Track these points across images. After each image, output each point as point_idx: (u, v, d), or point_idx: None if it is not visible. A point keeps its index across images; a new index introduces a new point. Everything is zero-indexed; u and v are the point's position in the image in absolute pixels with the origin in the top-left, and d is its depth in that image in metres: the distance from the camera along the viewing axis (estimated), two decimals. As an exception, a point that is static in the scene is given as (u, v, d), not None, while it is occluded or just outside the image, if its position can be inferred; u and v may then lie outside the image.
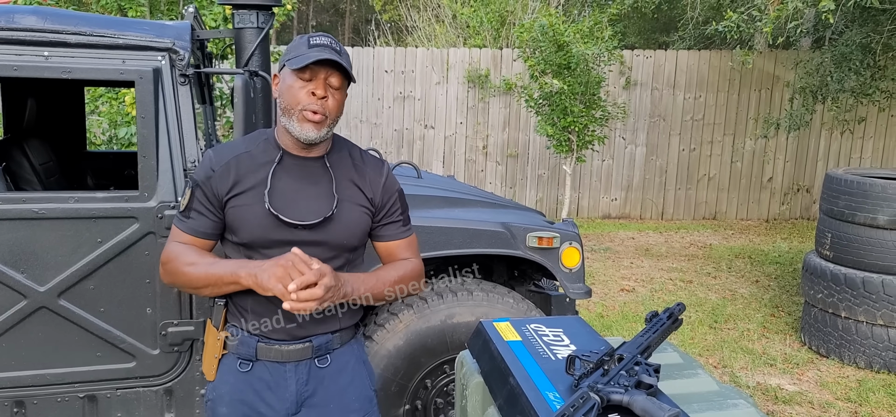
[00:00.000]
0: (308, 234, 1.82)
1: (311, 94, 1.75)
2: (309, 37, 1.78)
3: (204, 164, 1.86)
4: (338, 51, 1.77)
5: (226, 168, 1.83)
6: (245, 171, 1.83)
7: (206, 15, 6.28)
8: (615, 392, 1.43)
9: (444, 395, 3.04)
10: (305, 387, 1.90)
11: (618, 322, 5.51)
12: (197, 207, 1.84)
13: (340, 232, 1.86)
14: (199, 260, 1.81)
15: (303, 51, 1.75)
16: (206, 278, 1.78)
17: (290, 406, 1.89)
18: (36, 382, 2.58)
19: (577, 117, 7.52)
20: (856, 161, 9.96)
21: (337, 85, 1.79)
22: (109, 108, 5.87)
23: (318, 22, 25.89)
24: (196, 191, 1.84)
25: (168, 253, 1.85)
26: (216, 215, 1.85)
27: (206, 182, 1.83)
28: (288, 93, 1.77)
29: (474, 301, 2.99)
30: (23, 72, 2.43)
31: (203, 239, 1.86)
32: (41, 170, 3.42)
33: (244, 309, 1.88)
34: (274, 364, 1.88)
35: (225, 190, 1.82)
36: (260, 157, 1.85)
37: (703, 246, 8.40)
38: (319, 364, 1.91)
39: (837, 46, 7.76)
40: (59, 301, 2.55)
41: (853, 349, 4.66)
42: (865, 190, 4.57)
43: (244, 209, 1.81)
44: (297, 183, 1.84)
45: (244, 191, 1.82)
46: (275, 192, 1.81)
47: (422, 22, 12.87)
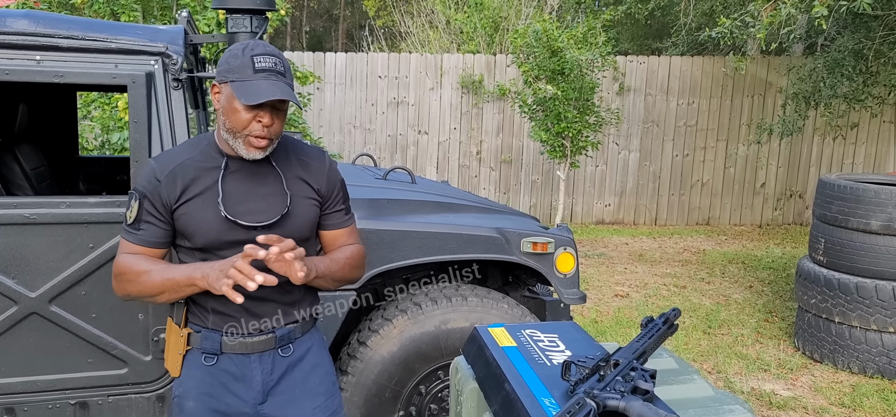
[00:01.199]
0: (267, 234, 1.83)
1: (257, 122, 1.77)
2: (252, 56, 1.74)
3: (147, 174, 1.86)
4: (282, 72, 1.77)
5: (171, 176, 1.84)
6: (191, 178, 1.84)
7: (200, 20, 6.27)
8: (611, 397, 1.42)
9: (439, 401, 3.02)
10: (270, 376, 1.94)
11: (612, 327, 5.51)
12: (145, 218, 1.84)
13: (295, 227, 1.90)
14: (152, 267, 1.82)
15: (248, 75, 1.73)
16: (162, 284, 1.79)
17: (257, 396, 1.93)
18: (27, 389, 2.56)
19: (571, 123, 7.53)
20: (848, 166, 10.00)
21: (282, 107, 1.81)
22: (102, 113, 5.84)
23: (311, 27, 25.89)
24: (144, 202, 1.84)
25: (119, 266, 1.84)
26: (165, 223, 1.85)
27: (152, 192, 1.83)
28: (233, 116, 1.77)
29: (469, 306, 2.98)
30: (14, 77, 2.42)
31: (154, 249, 1.87)
32: (33, 175, 3.40)
33: (204, 309, 1.91)
34: (239, 356, 1.91)
35: (173, 198, 1.83)
36: (204, 163, 1.86)
37: (697, 252, 8.42)
38: (282, 353, 1.96)
39: (830, 52, 7.80)
40: (50, 306, 2.53)
41: (847, 354, 4.67)
42: (858, 195, 4.58)
43: (196, 215, 1.83)
44: (246, 185, 1.87)
45: (193, 196, 1.83)
46: (226, 197, 1.84)
47: (415, 27, 12.88)
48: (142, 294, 1.83)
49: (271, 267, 1.72)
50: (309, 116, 9.00)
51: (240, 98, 1.71)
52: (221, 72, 1.78)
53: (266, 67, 1.73)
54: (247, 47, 1.76)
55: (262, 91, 1.71)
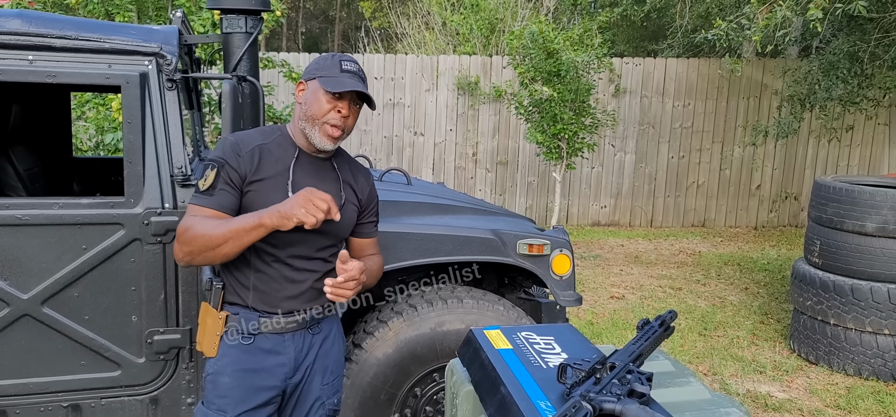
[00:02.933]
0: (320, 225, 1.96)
1: (337, 112, 1.99)
2: (340, 59, 2.02)
3: (228, 147, 2.01)
4: (363, 79, 2.03)
5: (250, 153, 2.01)
6: (266, 161, 2.02)
7: (195, 20, 6.25)
8: (607, 400, 1.42)
9: (434, 404, 3.01)
10: (301, 353, 2.13)
11: (608, 329, 5.51)
12: (221, 185, 1.98)
13: (341, 225, 2.11)
14: (220, 223, 1.95)
15: (335, 72, 1.99)
16: (230, 231, 1.89)
17: (289, 371, 2.11)
18: (19, 391, 2.54)
19: (567, 124, 7.53)
20: (843, 168, 10.02)
21: (356, 108, 2.04)
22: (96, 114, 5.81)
23: (307, 29, 25.86)
24: (222, 171, 1.99)
25: (186, 224, 1.94)
26: (238, 193, 2.00)
27: (234, 160, 1.99)
28: (315, 103, 1.99)
29: (464, 308, 2.97)
30: (7, 77, 2.40)
31: (221, 213, 1.99)
32: (26, 176, 3.37)
33: (245, 288, 2.06)
34: (274, 336, 2.08)
35: (250, 172, 2.00)
36: (277, 151, 2.05)
37: (692, 254, 8.42)
38: (312, 331, 2.15)
39: (825, 55, 7.82)
40: (42, 308, 2.51)
41: (842, 356, 4.67)
42: (854, 197, 4.58)
43: (264, 195, 1.99)
44: (311, 178, 2.05)
45: (264, 178, 2.00)
46: (294, 184, 2.02)
47: (412, 29, 12.87)
48: (206, 246, 1.91)
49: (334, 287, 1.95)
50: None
51: (325, 87, 1.96)
52: (309, 72, 2.04)
53: (351, 69, 2.00)
54: (336, 55, 2.04)
55: (346, 83, 1.96)
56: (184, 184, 2.60)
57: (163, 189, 2.57)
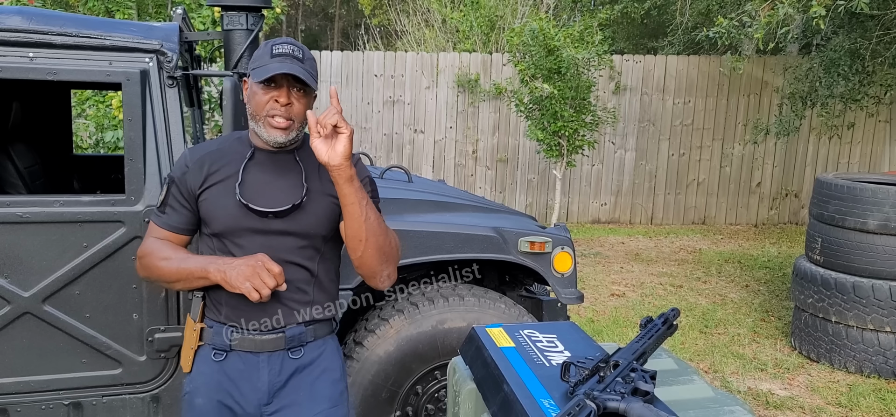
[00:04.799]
0: (278, 223, 1.88)
1: (274, 101, 1.83)
2: (272, 44, 1.84)
3: (180, 162, 1.97)
4: (300, 58, 1.83)
5: (198, 163, 1.92)
6: (217, 166, 1.92)
7: (195, 18, 6.24)
8: (611, 399, 1.41)
9: (436, 401, 3.01)
10: (277, 378, 1.93)
11: (608, 327, 5.50)
12: (172, 203, 1.94)
13: (310, 222, 1.91)
14: (173, 255, 1.91)
15: (265, 60, 1.81)
16: (178, 272, 1.87)
17: (263, 397, 1.93)
18: (20, 389, 2.53)
19: (568, 122, 7.52)
20: (844, 166, 10.01)
21: (301, 91, 1.85)
22: (96, 112, 5.81)
23: (307, 26, 25.85)
24: (172, 188, 1.94)
25: (144, 248, 1.95)
26: (190, 210, 1.94)
27: (180, 178, 1.93)
28: (253, 100, 1.85)
29: (466, 306, 2.96)
30: (7, 74, 2.39)
31: (177, 234, 1.96)
32: (26, 173, 3.37)
33: (219, 302, 1.94)
34: (248, 355, 1.92)
35: (197, 184, 1.91)
36: (231, 154, 1.94)
37: (693, 251, 8.42)
38: (292, 355, 1.94)
39: (826, 52, 7.80)
40: (43, 306, 2.50)
41: (843, 353, 4.67)
42: (855, 194, 4.58)
43: (215, 201, 1.89)
44: (266, 175, 1.91)
45: (215, 183, 1.90)
46: (245, 184, 1.89)
47: (411, 26, 12.85)
48: (160, 278, 1.92)
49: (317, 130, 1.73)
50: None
51: (254, 78, 1.81)
52: (249, 68, 1.88)
53: (282, 52, 1.82)
54: (270, 42, 1.85)
55: (272, 68, 1.78)
56: (185, 182, 2.59)
57: (163, 186, 2.56)
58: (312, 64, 1.87)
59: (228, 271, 1.78)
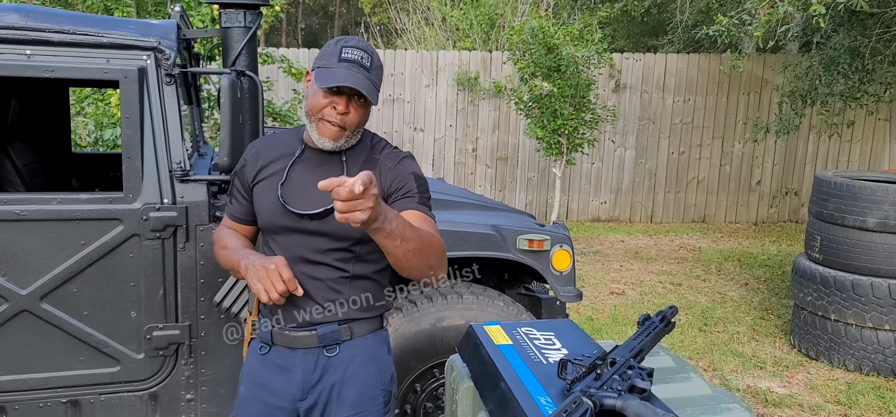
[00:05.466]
0: (312, 224, 1.86)
1: (332, 108, 1.79)
2: (342, 46, 1.78)
3: (243, 154, 2.03)
4: (368, 67, 1.77)
5: (254, 157, 1.98)
6: (269, 160, 1.95)
7: (194, 15, 6.23)
8: (608, 396, 1.41)
9: (434, 399, 3.01)
10: (312, 375, 1.92)
11: (608, 325, 5.50)
12: (234, 193, 2.03)
13: (342, 225, 1.79)
14: (230, 244, 1.98)
15: (332, 63, 1.76)
16: (228, 262, 1.95)
17: (296, 392, 1.93)
18: (17, 387, 2.53)
19: (567, 120, 7.51)
20: (843, 164, 10.01)
21: (362, 100, 1.81)
22: (95, 110, 5.80)
23: (306, 24, 25.83)
24: (234, 179, 2.03)
25: (215, 234, 2.08)
26: (249, 201, 1.99)
27: (240, 170, 2.00)
28: (312, 98, 1.82)
29: (464, 304, 2.96)
30: (4, 72, 2.39)
31: (238, 224, 2.04)
32: (25, 171, 3.36)
33: None
34: (285, 350, 1.94)
35: (251, 177, 1.97)
36: (285, 149, 1.95)
37: (693, 249, 8.41)
38: (328, 353, 1.92)
39: (826, 50, 7.80)
40: (41, 304, 2.50)
41: (843, 351, 4.67)
42: (855, 192, 4.58)
43: (262, 196, 1.93)
44: (309, 175, 1.88)
45: (265, 178, 1.94)
46: (289, 183, 1.90)
47: (411, 24, 12.85)
48: (221, 266, 2.01)
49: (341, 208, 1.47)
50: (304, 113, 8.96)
51: (316, 81, 1.77)
52: (314, 60, 1.84)
53: (350, 58, 1.76)
54: (341, 40, 1.80)
55: (338, 76, 1.73)
56: (182, 180, 2.59)
57: (162, 184, 2.56)
58: (379, 73, 1.82)
59: (249, 269, 1.80)
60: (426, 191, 1.91)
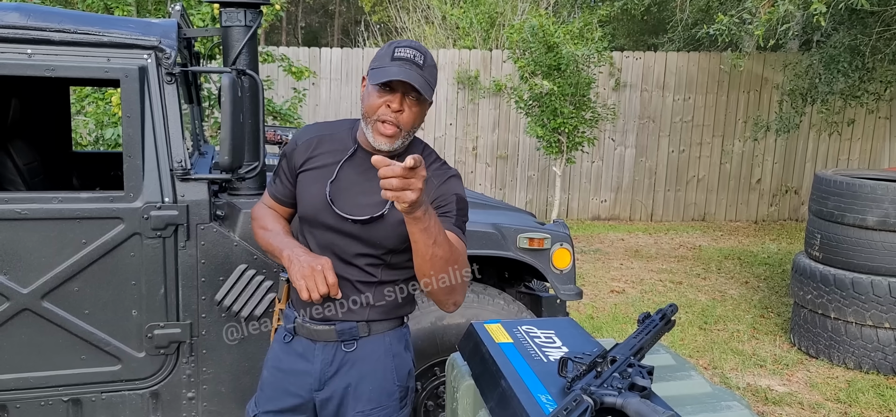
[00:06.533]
0: (353, 228, 1.87)
1: (386, 106, 1.79)
2: (395, 46, 1.80)
3: (296, 135, 2.03)
4: (420, 65, 1.77)
5: (306, 144, 1.97)
6: (321, 151, 1.95)
7: (194, 15, 6.23)
8: (608, 394, 1.41)
9: (435, 397, 3.01)
10: (329, 368, 1.95)
11: (608, 323, 5.51)
12: (279, 173, 2.02)
13: (384, 234, 1.87)
14: (271, 226, 2.01)
15: (386, 62, 1.77)
16: (269, 245, 1.97)
17: (314, 383, 1.96)
18: (19, 386, 2.54)
19: (567, 119, 7.51)
20: (843, 162, 10.01)
21: (416, 100, 1.80)
22: (96, 109, 5.80)
23: (306, 23, 25.83)
24: (282, 160, 2.02)
25: (255, 211, 2.10)
26: (293, 184, 1.99)
27: (290, 152, 2.00)
28: (367, 99, 1.82)
29: (465, 302, 2.96)
30: (5, 71, 2.39)
31: (278, 204, 2.05)
32: (25, 170, 3.37)
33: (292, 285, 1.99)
34: (306, 341, 1.97)
35: (300, 162, 1.96)
36: (338, 143, 1.95)
37: (693, 248, 8.42)
38: (346, 348, 1.94)
39: (826, 48, 7.80)
40: (42, 303, 2.50)
41: (842, 350, 4.67)
42: (855, 191, 4.58)
43: (307, 185, 1.94)
44: (359, 176, 1.89)
45: (313, 168, 1.94)
46: (338, 181, 1.90)
47: (411, 23, 12.85)
48: (259, 245, 2.06)
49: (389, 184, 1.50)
50: (304, 112, 8.97)
51: (371, 79, 1.78)
52: (369, 64, 1.85)
53: (403, 57, 1.77)
54: (394, 42, 1.82)
55: (391, 72, 1.74)
56: (183, 178, 2.59)
57: (162, 183, 2.56)
58: (432, 72, 1.81)
59: (294, 261, 1.83)
60: (465, 215, 1.93)
